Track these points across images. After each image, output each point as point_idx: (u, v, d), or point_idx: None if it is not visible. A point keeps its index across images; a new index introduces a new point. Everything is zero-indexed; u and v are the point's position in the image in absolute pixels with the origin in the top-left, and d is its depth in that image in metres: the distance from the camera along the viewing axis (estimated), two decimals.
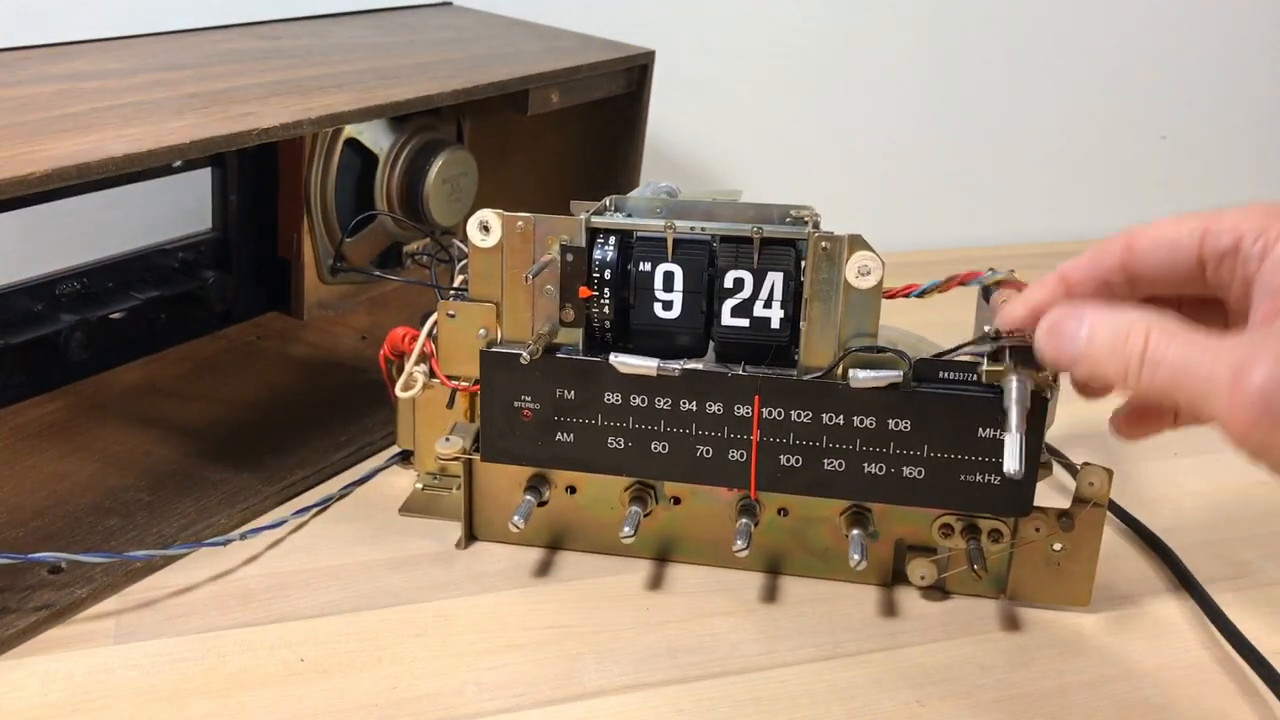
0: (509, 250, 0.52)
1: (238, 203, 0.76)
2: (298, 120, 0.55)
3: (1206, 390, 0.35)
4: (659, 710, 0.47)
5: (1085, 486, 0.51)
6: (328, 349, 0.76)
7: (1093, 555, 0.53)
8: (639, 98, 0.78)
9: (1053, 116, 1.10)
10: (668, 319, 0.52)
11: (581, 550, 0.57)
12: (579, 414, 0.53)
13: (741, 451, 0.52)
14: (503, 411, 0.54)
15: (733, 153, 1.03)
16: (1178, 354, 0.36)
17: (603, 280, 0.51)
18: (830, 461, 0.52)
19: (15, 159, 0.46)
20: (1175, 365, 0.36)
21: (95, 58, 0.65)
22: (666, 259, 0.51)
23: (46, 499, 0.57)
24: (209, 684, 0.47)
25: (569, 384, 0.53)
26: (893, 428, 0.51)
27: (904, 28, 1.04)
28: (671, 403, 0.52)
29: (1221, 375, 0.34)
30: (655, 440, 0.53)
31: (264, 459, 0.62)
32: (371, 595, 0.53)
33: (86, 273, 0.67)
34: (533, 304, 0.53)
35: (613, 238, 0.52)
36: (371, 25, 0.81)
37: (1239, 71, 1.14)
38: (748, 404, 0.52)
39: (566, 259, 0.51)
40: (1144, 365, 0.37)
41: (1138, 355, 0.37)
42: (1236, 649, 0.51)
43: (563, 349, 0.53)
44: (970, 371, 0.50)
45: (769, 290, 0.51)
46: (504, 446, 0.54)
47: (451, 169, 0.78)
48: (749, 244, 0.50)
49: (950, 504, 0.52)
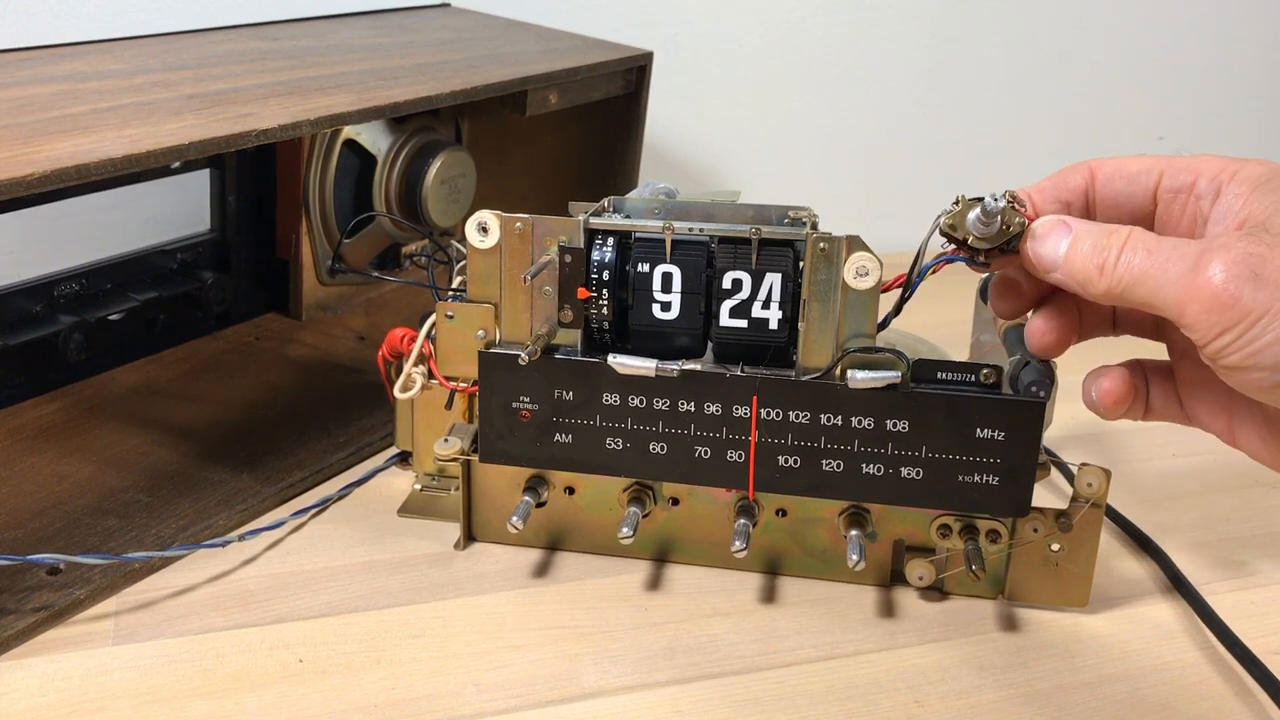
0: (508, 251, 0.52)
1: (236, 204, 0.76)
2: (296, 121, 0.55)
3: (1164, 281, 0.41)
4: (658, 711, 0.47)
5: (1084, 487, 0.51)
6: (326, 350, 0.76)
7: (1091, 555, 0.53)
8: (637, 99, 0.78)
9: (1051, 117, 1.10)
10: (666, 320, 0.52)
11: (580, 551, 0.57)
12: (577, 415, 0.53)
13: (740, 452, 0.52)
14: (501, 412, 0.54)
15: (731, 154, 1.03)
16: (1146, 256, 0.42)
17: (601, 281, 0.51)
18: (829, 462, 0.52)
19: (14, 160, 0.46)
20: (1142, 264, 0.42)
21: (94, 59, 0.65)
22: (665, 260, 0.51)
23: (45, 500, 0.57)
24: (207, 685, 0.47)
25: (567, 385, 0.53)
26: (891, 428, 0.51)
27: (903, 29, 1.04)
28: (670, 403, 0.52)
29: (1181, 268, 0.40)
30: (654, 441, 0.53)
31: (263, 460, 0.62)
32: (370, 596, 0.53)
33: (85, 274, 0.67)
34: (531, 305, 0.53)
35: (611, 239, 0.52)
36: (370, 26, 0.81)
37: (1238, 72, 1.14)
38: (746, 405, 0.52)
39: (565, 260, 0.51)
40: (1118, 262, 0.42)
41: (1115, 252, 0.42)
42: (1229, 649, 0.51)
43: (561, 350, 0.53)
44: (968, 372, 0.50)
45: (767, 291, 0.51)
46: (503, 447, 0.54)
47: (450, 170, 0.78)
48: (747, 245, 0.50)
49: (948, 504, 0.52)
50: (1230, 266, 0.39)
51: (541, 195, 0.85)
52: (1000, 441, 0.50)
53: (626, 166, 0.80)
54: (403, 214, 0.79)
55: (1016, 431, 0.50)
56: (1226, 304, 0.39)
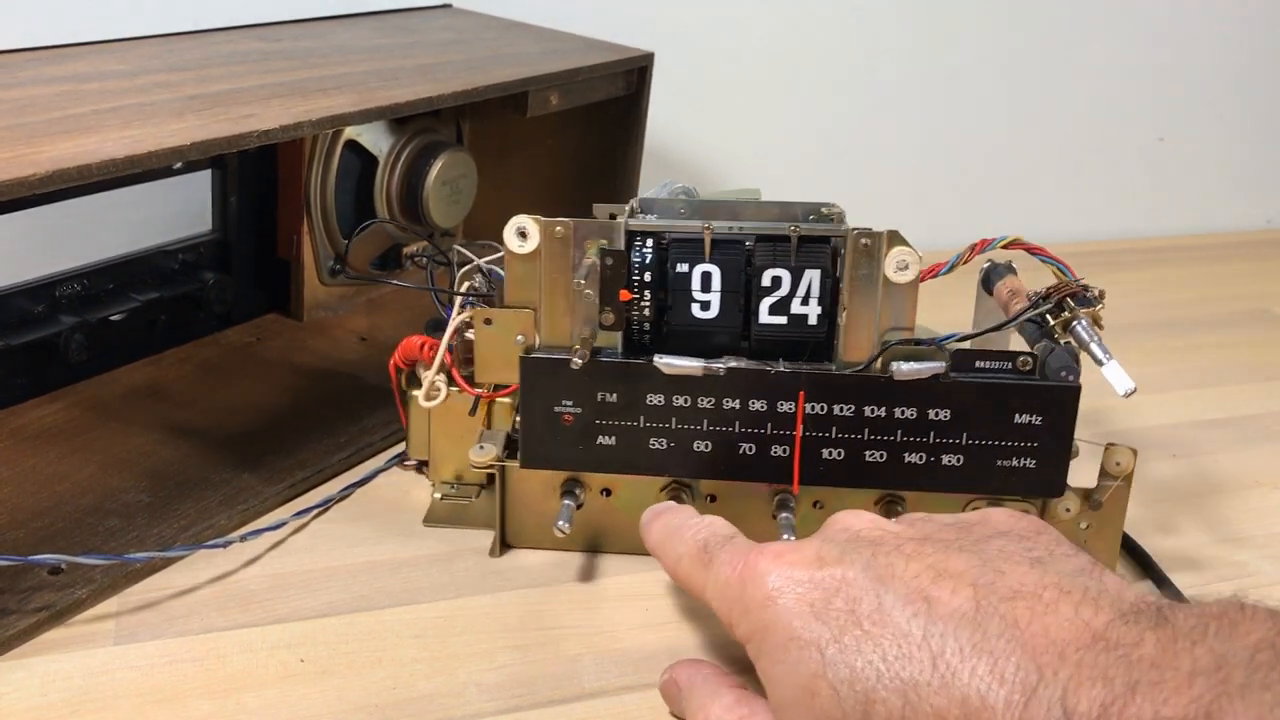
0: (547, 255, 0.52)
1: (238, 204, 0.76)
2: (298, 122, 0.55)
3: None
4: (658, 711, 0.47)
5: (1112, 465, 0.53)
6: (328, 350, 0.76)
7: (1117, 531, 0.54)
8: (639, 100, 0.78)
9: (1051, 117, 1.10)
10: (705, 319, 0.52)
11: (618, 553, 0.57)
12: (621, 416, 0.53)
13: (784, 447, 0.53)
14: (543, 417, 0.53)
15: (731, 154, 1.03)
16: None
17: (642, 283, 0.52)
18: (872, 453, 0.52)
19: (16, 160, 0.46)
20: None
21: (96, 59, 0.65)
22: (704, 259, 0.51)
23: (47, 500, 0.57)
24: (209, 685, 0.47)
25: (611, 387, 0.53)
26: (933, 417, 0.52)
27: (903, 29, 1.04)
28: (715, 402, 0.52)
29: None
30: (698, 440, 0.53)
31: (264, 460, 0.62)
32: (371, 596, 0.54)
33: (87, 274, 0.68)
34: (572, 309, 0.52)
35: (650, 240, 0.52)
36: (372, 27, 0.81)
37: (1237, 73, 1.14)
38: (791, 400, 0.52)
39: (606, 263, 0.51)
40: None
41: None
42: None
43: (604, 352, 0.53)
44: (1006, 360, 0.51)
45: (806, 287, 0.51)
46: (544, 452, 0.54)
47: (451, 171, 0.78)
48: (786, 242, 0.51)
49: (986, 489, 0.53)
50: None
51: (543, 196, 0.85)
52: (1038, 426, 0.51)
53: (628, 167, 0.80)
54: (404, 215, 0.79)
55: (1053, 416, 0.51)
56: None
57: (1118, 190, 1.14)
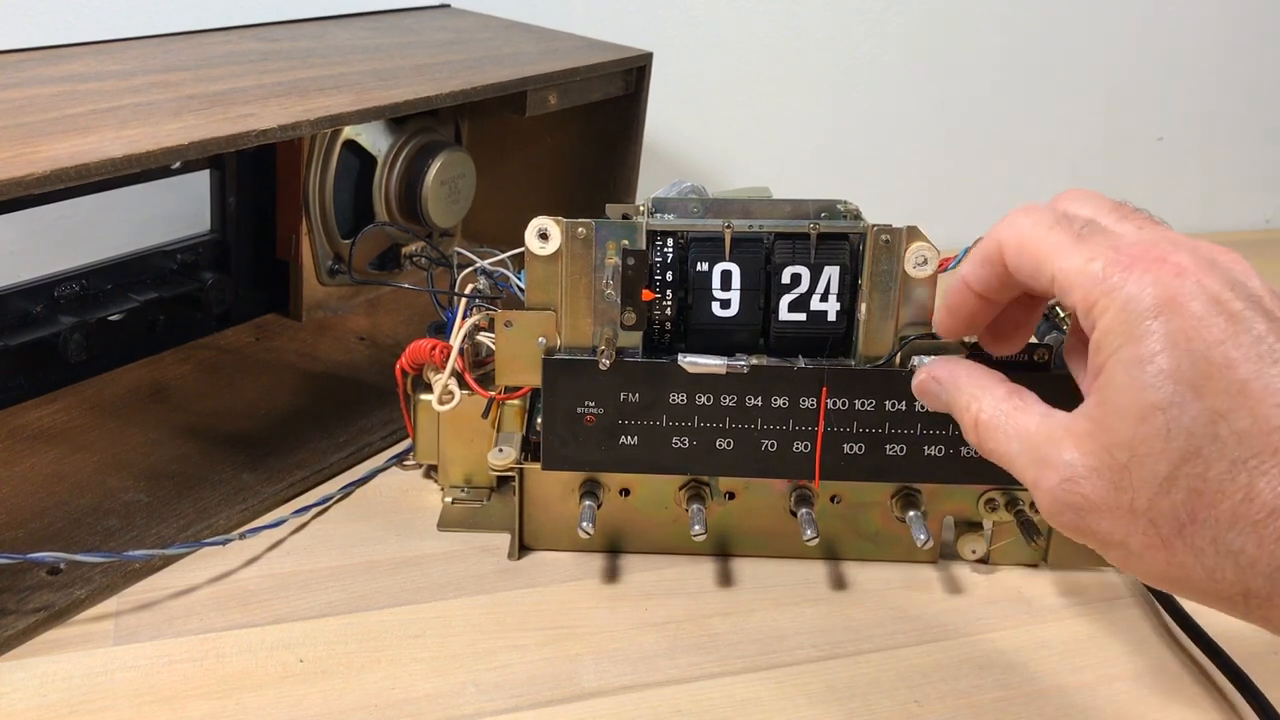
0: (569, 257, 0.51)
1: (236, 204, 0.76)
2: (296, 122, 0.55)
3: (1020, 473, 0.39)
4: (658, 710, 0.47)
5: None
6: (327, 350, 0.76)
7: None
8: (637, 99, 0.78)
9: (1051, 117, 1.10)
10: (725, 317, 0.52)
11: (638, 552, 0.57)
12: (644, 416, 0.53)
13: (806, 443, 0.53)
14: (565, 418, 0.53)
15: (731, 154, 1.03)
16: (995, 444, 0.40)
17: (664, 282, 0.52)
18: (892, 447, 0.53)
19: (14, 160, 0.46)
20: (994, 450, 0.40)
21: (94, 59, 0.65)
22: (724, 258, 0.52)
23: (46, 500, 0.57)
24: (208, 685, 0.47)
25: (634, 387, 0.53)
26: None
27: (903, 29, 1.04)
28: (737, 399, 0.53)
29: (1028, 471, 0.39)
30: (720, 437, 0.53)
31: (263, 459, 0.62)
32: (371, 596, 0.54)
33: (85, 274, 0.67)
34: (594, 310, 0.52)
35: (670, 239, 0.52)
36: (370, 27, 0.81)
37: (1237, 73, 1.14)
38: (813, 396, 0.52)
39: (628, 263, 0.51)
40: (977, 438, 0.41)
41: (971, 429, 0.41)
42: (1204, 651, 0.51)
43: (626, 352, 0.53)
44: (1023, 352, 0.51)
45: (825, 284, 0.52)
46: (566, 453, 0.54)
47: (450, 170, 0.78)
48: (805, 239, 0.51)
49: (1005, 479, 0.53)
50: (1055, 499, 0.38)
51: (542, 196, 0.85)
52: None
53: (626, 167, 0.80)
54: (403, 215, 0.79)
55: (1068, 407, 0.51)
56: (1056, 513, 0.38)
57: (1118, 190, 1.13)
